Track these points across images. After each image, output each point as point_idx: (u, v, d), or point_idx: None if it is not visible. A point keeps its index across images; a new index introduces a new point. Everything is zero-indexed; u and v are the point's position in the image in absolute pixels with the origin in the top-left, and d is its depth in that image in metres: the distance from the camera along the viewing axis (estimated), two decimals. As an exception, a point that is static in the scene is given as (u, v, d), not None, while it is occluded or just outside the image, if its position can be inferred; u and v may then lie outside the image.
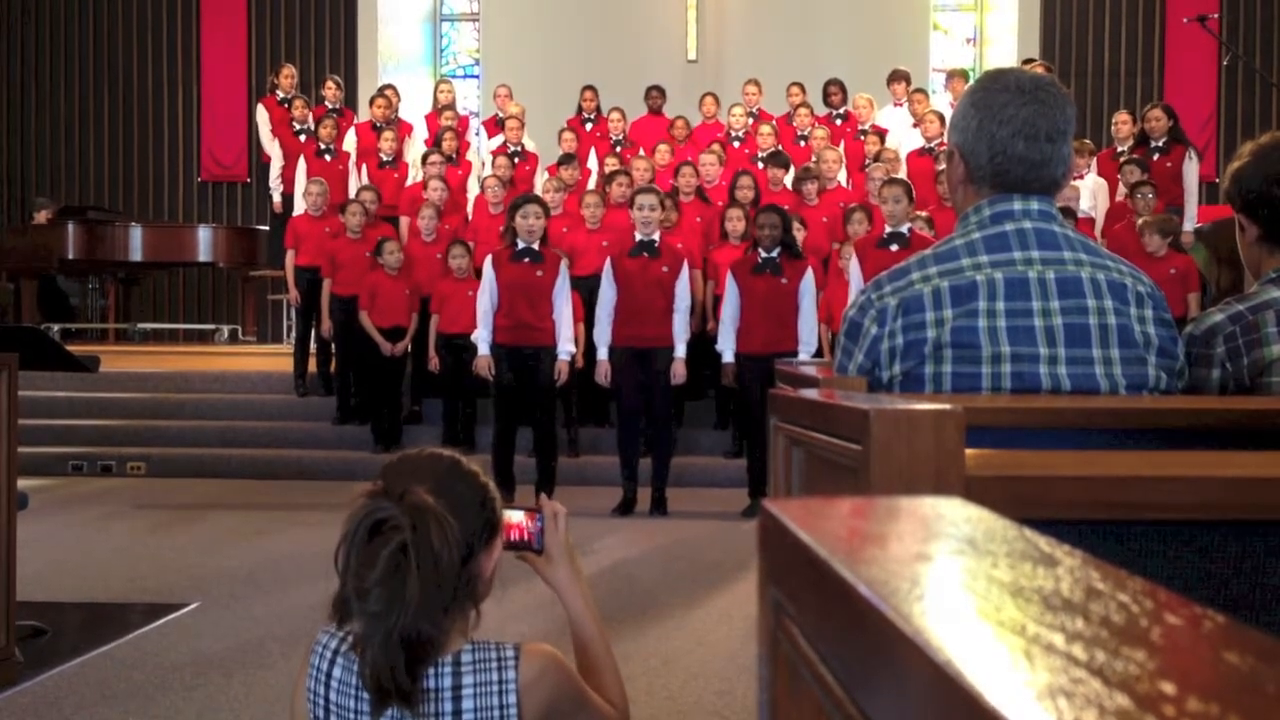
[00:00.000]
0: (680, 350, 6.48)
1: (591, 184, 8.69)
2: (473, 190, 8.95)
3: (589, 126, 9.84)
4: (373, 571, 1.41)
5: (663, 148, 8.89)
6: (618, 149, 9.23)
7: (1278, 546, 1.02)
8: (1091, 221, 8.18)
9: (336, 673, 1.54)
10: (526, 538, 1.73)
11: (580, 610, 1.76)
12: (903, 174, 8.25)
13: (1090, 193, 8.41)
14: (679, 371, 6.48)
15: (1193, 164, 8.52)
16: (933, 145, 8.65)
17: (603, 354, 6.48)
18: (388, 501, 1.44)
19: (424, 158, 8.74)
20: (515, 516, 1.73)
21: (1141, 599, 0.43)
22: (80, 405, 8.40)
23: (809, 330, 6.34)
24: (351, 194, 8.47)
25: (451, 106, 9.73)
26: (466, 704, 1.51)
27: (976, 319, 1.67)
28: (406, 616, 1.42)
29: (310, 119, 9.48)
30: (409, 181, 9.01)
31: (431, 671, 1.49)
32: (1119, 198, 8.34)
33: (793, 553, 0.56)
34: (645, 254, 6.43)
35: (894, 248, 6.39)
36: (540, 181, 8.76)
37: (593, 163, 9.22)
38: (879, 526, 0.60)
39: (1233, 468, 1.03)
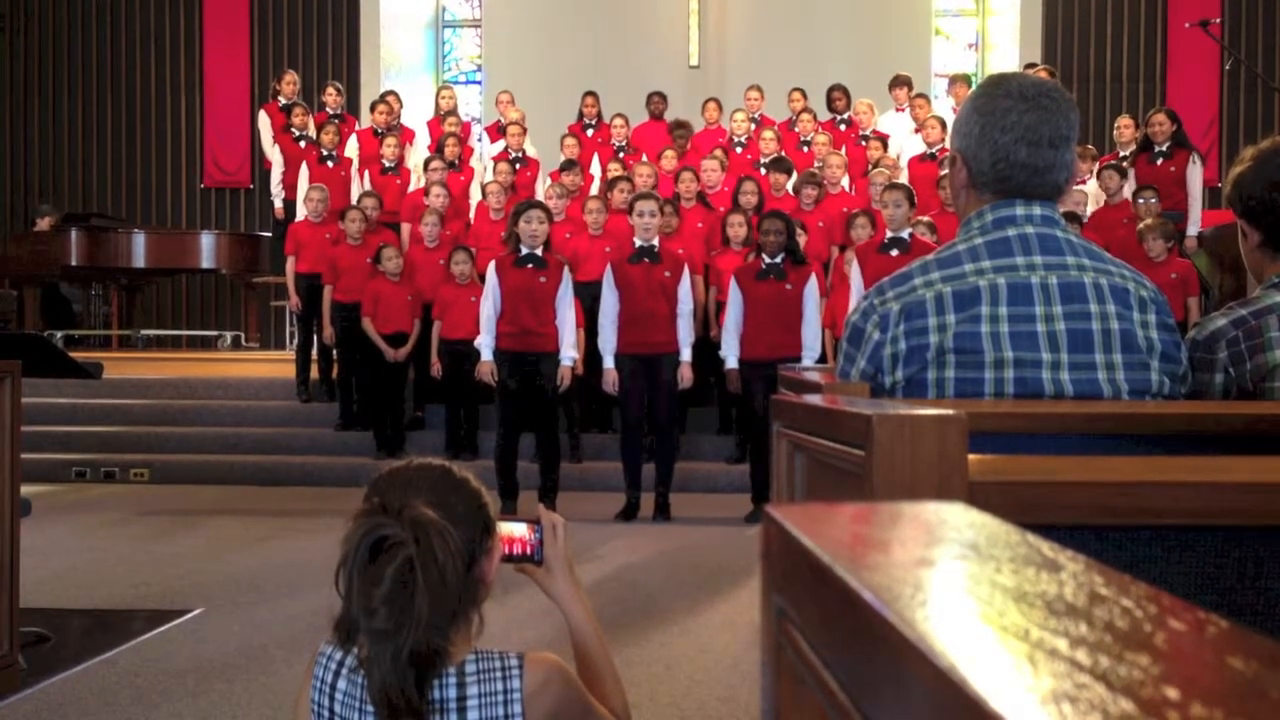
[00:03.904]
0: (685, 354, 6.47)
1: (594, 190, 8.69)
2: (475, 196, 8.95)
3: (590, 132, 9.84)
4: (379, 589, 1.40)
5: (668, 153, 8.88)
6: (620, 155, 9.24)
7: (1281, 551, 1.02)
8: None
9: (341, 684, 1.54)
10: (527, 550, 1.73)
11: (581, 620, 1.76)
12: (904, 179, 8.25)
13: (1093, 197, 8.40)
14: (686, 375, 6.47)
15: (1196, 169, 8.50)
16: (934, 150, 8.65)
17: (609, 362, 6.44)
18: (386, 518, 1.42)
19: (426, 164, 8.75)
20: (515, 529, 1.72)
21: (1145, 604, 0.43)
22: (83, 412, 8.41)
23: (813, 336, 6.33)
24: (353, 200, 8.48)
25: (453, 112, 9.74)
26: (472, 715, 1.50)
27: (979, 324, 1.67)
28: (416, 632, 1.40)
29: (312, 125, 9.48)
30: (411, 188, 9.01)
31: (437, 683, 1.48)
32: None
33: (796, 558, 0.56)
34: (646, 259, 6.42)
35: (894, 253, 6.40)
36: (543, 187, 8.77)
37: (595, 168, 9.21)
38: (882, 532, 0.60)
39: (1236, 473, 1.03)
